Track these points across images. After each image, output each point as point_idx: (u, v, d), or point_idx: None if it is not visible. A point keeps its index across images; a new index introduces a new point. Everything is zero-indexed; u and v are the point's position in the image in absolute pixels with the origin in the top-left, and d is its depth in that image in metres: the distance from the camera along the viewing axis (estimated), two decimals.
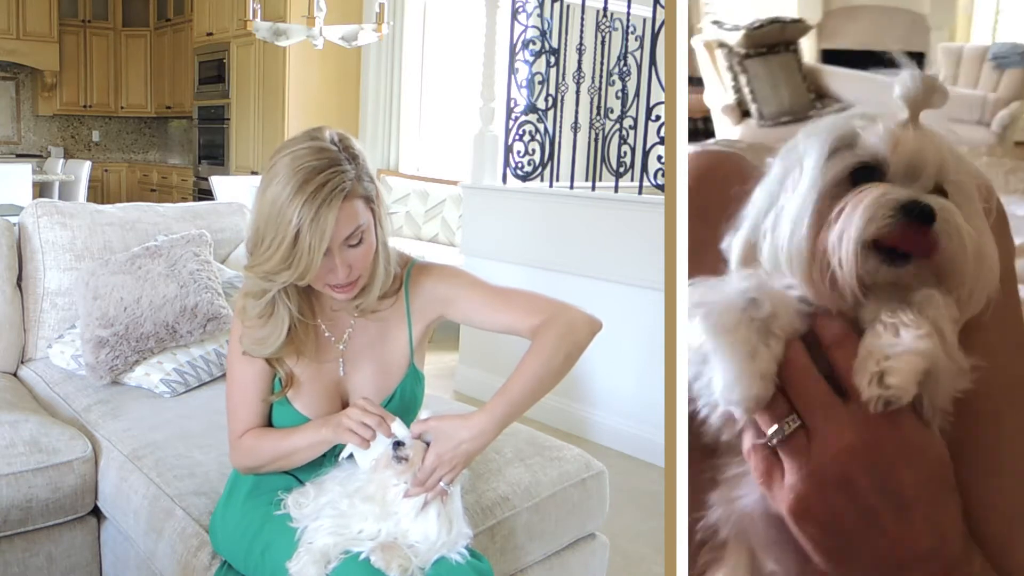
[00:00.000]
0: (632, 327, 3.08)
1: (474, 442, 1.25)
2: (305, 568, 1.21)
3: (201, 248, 2.26)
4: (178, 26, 8.59)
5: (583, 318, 1.32)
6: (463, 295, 1.38)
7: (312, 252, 1.16)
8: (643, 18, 3.49)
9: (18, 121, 8.99)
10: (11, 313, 2.25)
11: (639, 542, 2.42)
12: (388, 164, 6.33)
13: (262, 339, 1.31)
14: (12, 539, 1.72)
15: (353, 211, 1.20)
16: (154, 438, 1.79)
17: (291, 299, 1.29)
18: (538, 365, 1.28)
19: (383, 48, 6.22)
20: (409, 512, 1.24)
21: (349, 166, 1.19)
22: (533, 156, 3.75)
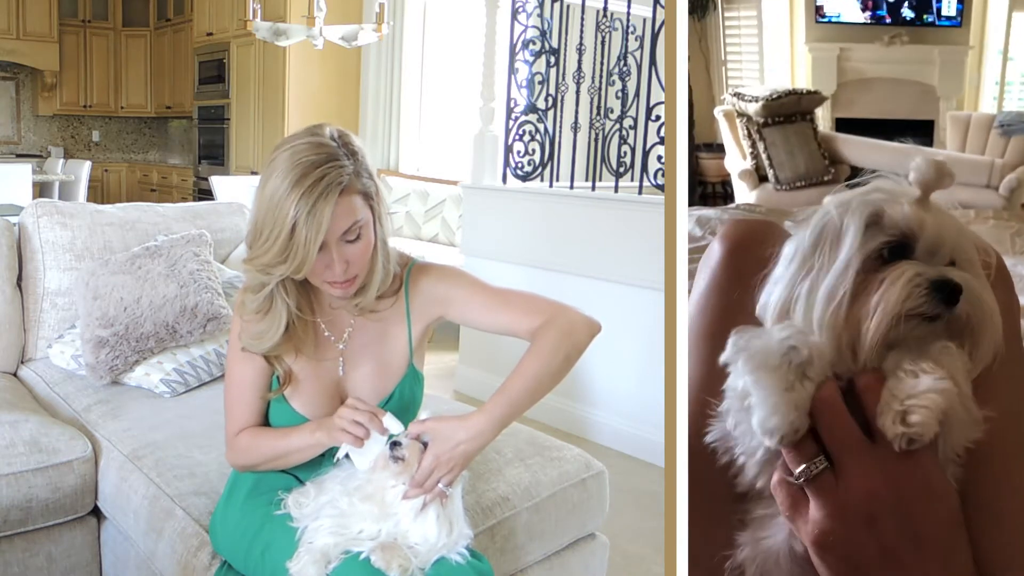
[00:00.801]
0: (632, 327, 3.08)
1: (472, 443, 1.24)
2: (305, 568, 1.21)
3: (201, 248, 2.26)
4: (178, 26, 8.59)
5: (582, 320, 1.32)
6: (463, 296, 1.38)
7: (308, 245, 1.17)
8: (643, 18, 3.49)
9: (18, 121, 8.99)
10: (11, 313, 2.25)
11: (639, 542, 2.42)
12: (388, 164, 6.33)
13: (260, 334, 1.31)
14: (12, 539, 1.72)
15: (350, 206, 1.20)
16: (154, 438, 1.79)
17: (289, 295, 1.29)
18: (537, 366, 1.28)
19: (383, 48, 6.22)
20: (408, 513, 1.24)
21: (347, 161, 1.20)
22: (533, 156, 3.75)
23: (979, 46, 4.43)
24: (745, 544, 0.76)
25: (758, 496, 0.76)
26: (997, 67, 4.44)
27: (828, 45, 4.61)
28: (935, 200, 0.73)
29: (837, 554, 0.68)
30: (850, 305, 0.71)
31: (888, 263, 0.71)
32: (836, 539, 0.68)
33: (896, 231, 0.72)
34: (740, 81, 4.84)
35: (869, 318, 0.69)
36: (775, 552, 0.74)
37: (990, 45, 4.43)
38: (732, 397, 0.72)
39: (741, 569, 0.75)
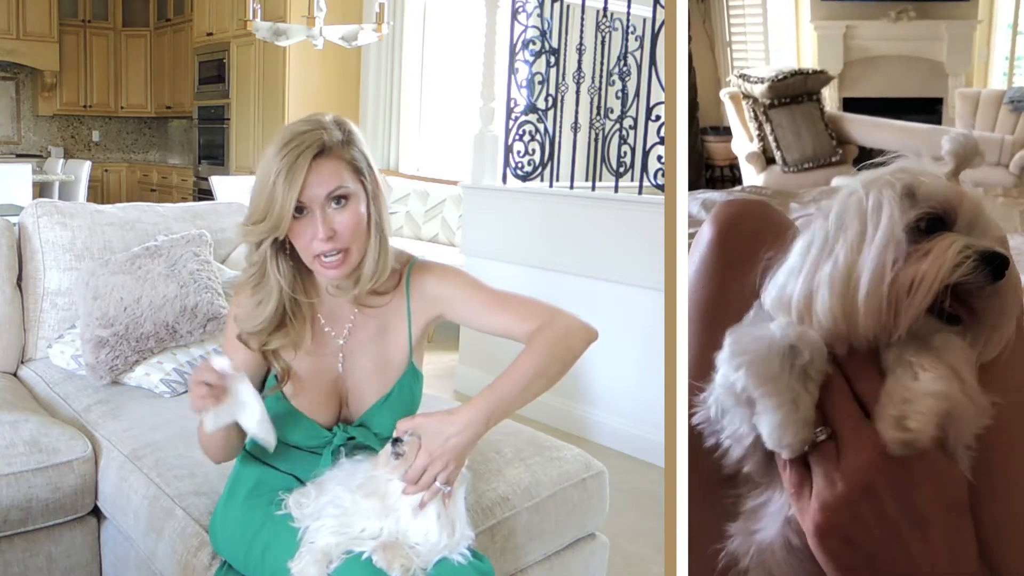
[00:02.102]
0: (632, 327, 3.08)
1: (461, 436, 1.23)
2: (307, 568, 1.21)
3: (201, 248, 2.26)
4: (178, 26, 8.59)
5: (579, 326, 1.33)
6: (462, 296, 1.38)
7: (285, 200, 1.20)
8: (643, 18, 3.49)
9: (18, 121, 8.99)
10: (11, 313, 2.25)
11: (639, 542, 2.42)
12: (388, 164, 6.33)
13: (252, 309, 1.31)
14: (12, 539, 1.72)
15: (335, 169, 1.23)
16: (154, 438, 1.79)
17: (283, 273, 1.30)
18: (529, 365, 1.28)
19: (383, 48, 6.22)
20: (407, 509, 1.24)
21: (336, 131, 1.24)
22: (533, 156, 3.75)
23: (988, 20, 4.35)
24: (737, 534, 0.76)
25: (746, 481, 0.76)
26: (1007, 42, 4.37)
27: (834, 23, 4.54)
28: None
29: (839, 536, 0.68)
30: (895, 276, 0.69)
31: (925, 236, 0.70)
32: (838, 514, 0.68)
33: (935, 204, 0.71)
34: (745, 62, 4.77)
35: (915, 287, 0.68)
36: (769, 544, 0.74)
37: (999, 19, 4.37)
38: (723, 389, 0.72)
39: (735, 557, 0.75)
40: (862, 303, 0.69)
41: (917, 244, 0.70)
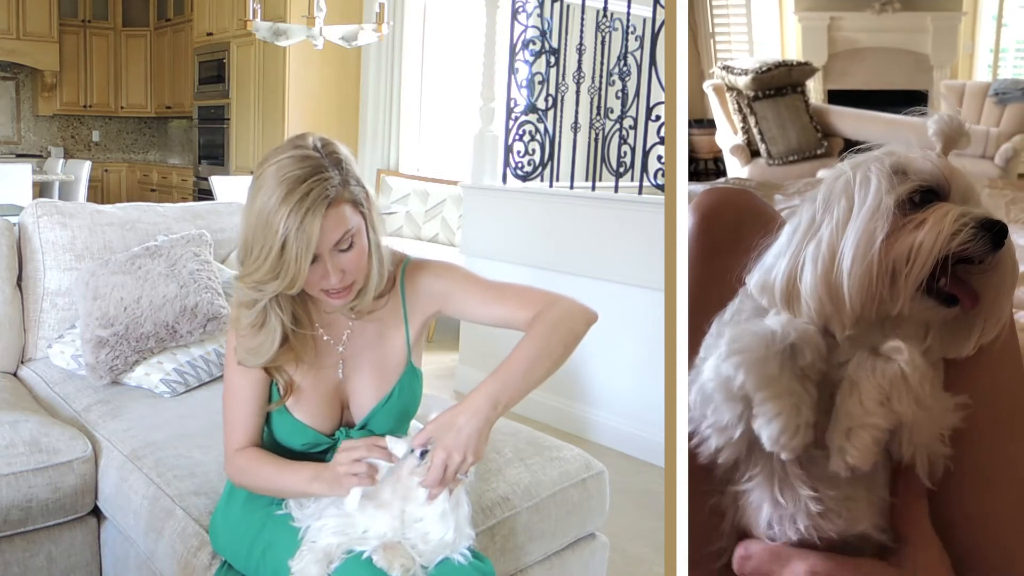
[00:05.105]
0: (632, 327, 3.08)
1: (471, 421, 1.22)
2: (307, 567, 1.21)
3: (201, 248, 2.26)
4: (178, 26, 8.59)
5: (579, 308, 1.33)
6: (458, 290, 1.38)
7: (299, 261, 1.17)
8: (643, 18, 3.49)
9: (18, 121, 8.99)
10: (11, 313, 2.25)
11: (639, 542, 2.42)
12: (388, 164, 6.33)
13: (255, 348, 1.30)
14: (12, 539, 1.72)
15: (340, 216, 1.20)
16: (154, 438, 1.79)
17: (283, 309, 1.29)
18: (532, 348, 1.27)
19: (383, 48, 6.21)
20: (434, 517, 1.23)
21: (333, 172, 1.20)
22: (533, 156, 3.75)
23: (973, 12, 4.32)
24: (725, 532, 0.75)
25: (730, 470, 0.74)
26: (992, 34, 4.34)
27: (818, 14, 4.49)
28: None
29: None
30: (886, 248, 0.68)
31: (919, 209, 0.69)
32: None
33: (926, 177, 0.70)
34: (729, 54, 4.71)
35: (913, 256, 0.67)
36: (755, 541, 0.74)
37: (984, 11, 4.33)
38: (715, 382, 0.71)
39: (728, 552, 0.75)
40: (847, 276, 0.68)
41: (911, 216, 0.69)
